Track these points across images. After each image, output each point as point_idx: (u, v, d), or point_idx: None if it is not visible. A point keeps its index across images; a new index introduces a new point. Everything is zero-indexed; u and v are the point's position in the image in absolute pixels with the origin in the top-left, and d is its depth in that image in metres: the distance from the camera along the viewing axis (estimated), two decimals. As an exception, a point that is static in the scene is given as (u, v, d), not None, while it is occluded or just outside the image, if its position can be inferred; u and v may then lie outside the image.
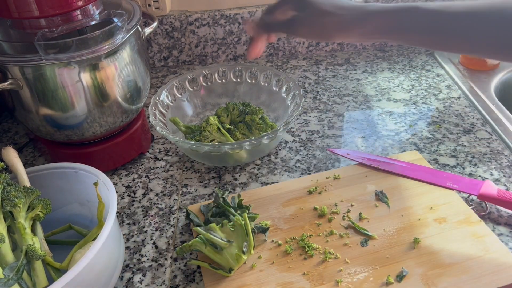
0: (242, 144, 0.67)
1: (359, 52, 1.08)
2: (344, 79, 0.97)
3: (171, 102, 0.81)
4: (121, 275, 0.58)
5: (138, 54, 0.69)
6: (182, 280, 0.57)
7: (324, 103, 0.90)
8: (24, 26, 0.60)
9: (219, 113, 0.79)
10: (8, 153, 0.59)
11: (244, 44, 1.04)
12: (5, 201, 0.52)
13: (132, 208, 0.68)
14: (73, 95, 0.62)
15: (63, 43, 0.58)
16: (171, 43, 1.02)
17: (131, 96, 0.69)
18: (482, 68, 0.95)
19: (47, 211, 0.56)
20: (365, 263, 0.56)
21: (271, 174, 0.73)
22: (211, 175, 0.73)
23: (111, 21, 0.61)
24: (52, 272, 0.53)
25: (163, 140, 0.83)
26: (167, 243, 0.62)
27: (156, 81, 1.01)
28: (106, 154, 0.72)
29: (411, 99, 0.89)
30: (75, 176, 0.60)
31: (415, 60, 1.03)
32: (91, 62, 0.61)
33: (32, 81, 0.60)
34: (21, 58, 0.57)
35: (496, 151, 0.74)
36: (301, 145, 0.79)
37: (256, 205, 0.65)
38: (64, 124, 0.65)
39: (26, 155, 0.81)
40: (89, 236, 0.56)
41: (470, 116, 0.83)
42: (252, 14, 0.99)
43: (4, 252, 0.51)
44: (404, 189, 0.66)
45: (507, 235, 0.60)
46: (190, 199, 0.69)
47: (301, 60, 1.06)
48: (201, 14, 0.99)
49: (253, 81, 0.85)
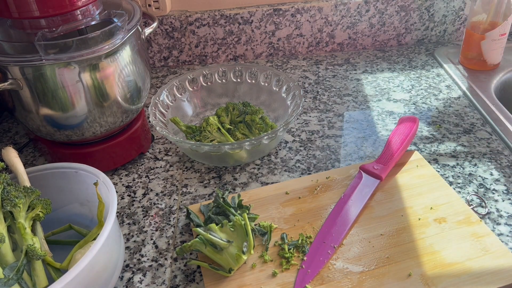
0: (242, 144, 0.67)
1: (359, 52, 1.08)
2: (344, 79, 0.98)
3: (171, 102, 0.81)
4: (121, 275, 0.58)
5: (138, 54, 0.69)
6: (182, 280, 0.57)
7: (324, 103, 0.90)
8: (24, 26, 0.60)
9: (219, 113, 0.79)
10: (8, 153, 0.59)
11: (244, 44, 1.04)
12: (5, 201, 0.52)
13: (132, 208, 0.68)
14: (73, 95, 0.62)
15: (63, 43, 0.58)
16: (171, 43, 1.02)
17: (131, 96, 0.69)
18: (482, 68, 0.95)
19: (47, 211, 0.56)
20: (365, 263, 0.56)
21: (271, 174, 0.73)
22: (211, 175, 0.73)
23: (111, 21, 0.61)
24: (52, 272, 0.53)
25: (163, 140, 0.83)
26: (167, 243, 0.62)
27: (156, 81, 1.01)
28: (106, 154, 0.72)
29: (411, 99, 0.89)
30: (75, 176, 0.60)
31: (415, 60, 1.03)
32: (91, 62, 0.61)
33: (32, 81, 0.60)
34: (21, 58, 0.57)
35: (496, 151, 0.74)
36: (301, 145, 0.79)
37: (256, 205, 0.65)
38: (64, 124, 0.65)
39: (26, 155, 0.81)
40: (89, 236, 0.56)
41: (470, 116, 0.83)
42: (252, 14, 0.99)
43: (4, 252, 0.51)
44: (404, 189, 0.66)
45: (507, 235, 0.60)
46: (190, 199, 0.69)
47: (301, 60, 1.06)
48: (201, 14, 0.99)
49: (253, 81, 0.85)
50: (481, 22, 0.90)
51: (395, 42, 1.09)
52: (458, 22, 1.07)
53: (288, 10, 1.00)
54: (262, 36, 1.03)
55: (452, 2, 1.04)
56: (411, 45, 1.09)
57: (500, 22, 0.88)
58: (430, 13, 1.05)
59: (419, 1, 1.02)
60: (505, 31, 0.89)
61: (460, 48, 0.99)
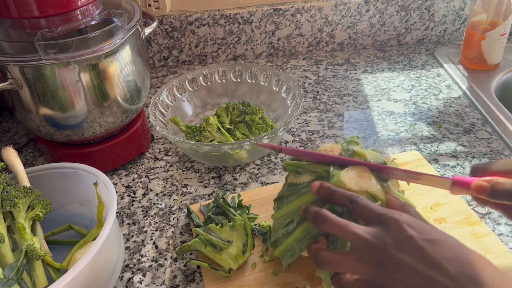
0: (242, 144, 0.67)
1: (359, 52, 1.08)
2: (344, 79, 0.97)
3: (171, 102, 0.81)
4: (121, 275, 0.58)
5: (138, 54, 0.69)
6: (182, 280, 0.57)
7: (324, 103, 0.90)
8: (24, 26, 0.60)
9: (219, 113, 0.79)
10: (8, 153, 0.59)
11: (244, 44, 1.04)
12: (5, 201, 0.52)
13: (132, 208, 0.68)
14: (73, 95, 0.62)
15: (63, 43, 0.58)
16: (171, 43, 1.02)
17: (131, 96, 0.69)
18: (482, 68, 0.95)
19: (47, 211, 0.56)
20: (365, 263, 0.56)
21: (271, 174, 0.73)
22: (211, 175, 0.73)
23: (111, 21, 0.61)
24: (52, 272, 0.53)
25: (163, 140, 0.83)
26: (167, 243, 0.62)
27: (156, 81, 1.01)
28: (106, 154, 0.72)
29: (411, 99, 0.89)
30: (75, 176, 0.60)
31: (415, 60, 1.03)
32: (91, 62, 0.61)
33: (32, 81, 0.60)
34: (21, 58, 0.57)
35: (496, 151, 0.74)
36: (301, 145, 0.79)
37: (256, 205, 0.65)
38: (64, 124, 0.65)
39: (26, 155, 0.81)
40: (89, 236, 0.56)
41: (470, 116, 0.83)
42: (252, 14, 0.99)
43: (4, 252, 0.51)
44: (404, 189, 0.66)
45: (507, 235, 0.60)
46: (190, 199, 0.69)
47: (301, 60, 1.06)
48: (201, 14, 0.99)
49: (253, 81, 0.85)
50: (481, 22, 0.90)
51: (395, 42, 1.09)
52: (458, 22, 1.07)
53: (288, 10, 1.00)
54: (262, 36, 1.03)
55: (452, 2, 1.04)
56: (411, 45, 1.09)
57: (500, 22, 0.88)
58: (430, 13, 1.05)
59: (419, 0, 1.02)
60: (505, 31, 0.89)
61: (460, 48, 0.99)
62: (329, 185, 0.46)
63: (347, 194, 0.44)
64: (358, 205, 0.43)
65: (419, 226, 0.40)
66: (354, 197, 0.44)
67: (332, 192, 0.45)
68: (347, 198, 0.44)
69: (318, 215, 0.44)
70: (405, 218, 0.40)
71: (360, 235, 0.40)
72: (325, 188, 0.46)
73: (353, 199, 0.44)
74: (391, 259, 0.38)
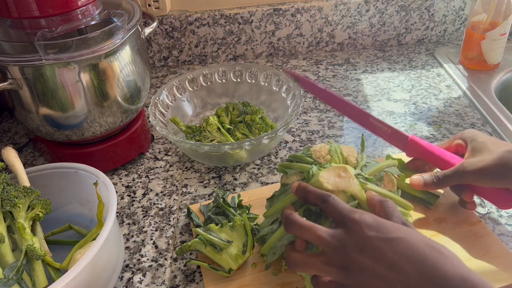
0: (242, 144, 0.67)
1: (359, 52, 1.08)
2: (344, 79, 0.97)
3: (171, 102, 0.81)
4: (121, 275, 0.58)
5: (138, 54, 0.69)
6: (182, 280, 0.57)
7: (324, 103, 0.90)
8: (24, 26, 0.60)
9: (219, 113, 0.79)
10: (8, 153, 0.59)
11: (244, 44, 1.04)
12: (5, 201, 0.52)
13: (132, 208, 0.68)
14: (73, 95, 0.62)
15: (63, 43, 0.58)
16: (171, 43, 1.02)
17: (131, 96, 0.69)
18: (482, 68, 0.95)
19: (47, 211, 0.56)
20: (365, 263, 0.56)
21: (271, 174, 0.73)
22: (211, 175, 0.73)
23: (111, 21, 0.61)
24: (52, 272, 0.53)
25: (163, 140, 0.83)
26: (167, 243, 0.62)
27: (156, 81, 1.01)
28: (106, 154, 0.72)
29: (411, 99, 0.89)
30: (75, 176, 0.60)
31: (415, 60, 1.03)
32: (91, 62, 0.61)
33: (32, 81, 0.60)
34: (21, 58, 0.57)
35: (496, 151, 0.74)
36: (301, 145, 0.79)
37: (256, 205, 0.65)
38: (64, 124, 0.65)
39: (26, 155, 0.81)
40: (89, 236, 0.56)
41: (470, 116, 0.83)
42: (252, 14, 0.99)
43: (4, 252, 0.51)
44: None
45: (507, 235, 0.60)
46: (190, 199, 0.69)
47: (301, 60, 1.06)
48: (201, 14, 0.99)
49: (253, 81, 0.85)
50: (481, 22, 0.90)
51: (395, 42, 1.09)
52: (458, 22, 1.07)
53: (288, 10, 1.00)
54: (262, 36, 1.03)
55: (452, 2, 1.04)
56: (411, 45, 1.09)
57: (500, 22, 0.88)
58: (430, 13, 1.05)
59: (419, 0, 1.02)
60: (505, 31, 0.89)
61: (460, 48, 0.99)
62: (305, 185, 0.46)
63: (320, 194, 0.44)
64: (329, 205, 0.43)
65: (379, 225, 0.40)
66: (326, 196, 0.44)
67: (307, 192, 0.45)
68: (320, 197, 0.44)
69: (287, 218, 0.44)
70: (364, 219, 0.40)
71: (323, 238, 0.41)
72: (301, 188, 0.46)
73: (324, 198, 0.44)
74: (353, 261, 0.39)
